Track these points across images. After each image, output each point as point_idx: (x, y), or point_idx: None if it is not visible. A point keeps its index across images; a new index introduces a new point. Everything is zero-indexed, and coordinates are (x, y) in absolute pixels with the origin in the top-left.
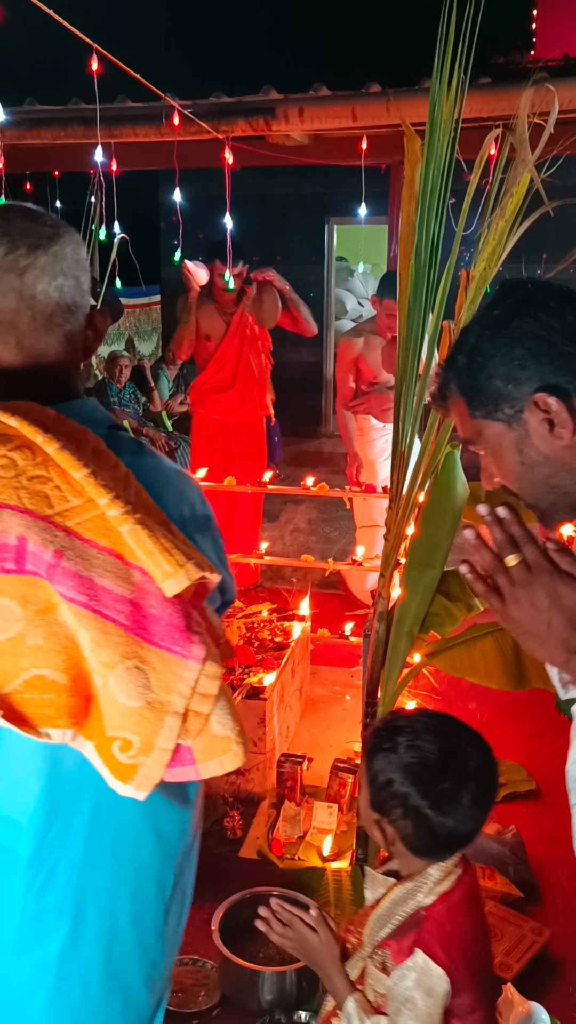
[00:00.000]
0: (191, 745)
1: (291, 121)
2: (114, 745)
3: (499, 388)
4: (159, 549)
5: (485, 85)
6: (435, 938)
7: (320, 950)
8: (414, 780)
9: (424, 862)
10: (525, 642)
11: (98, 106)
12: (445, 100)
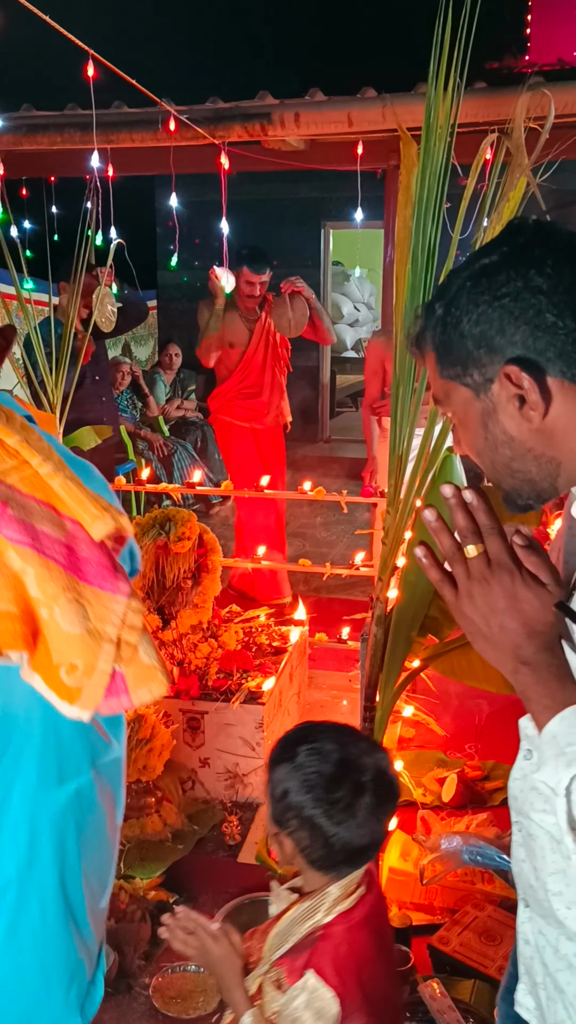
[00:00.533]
0: (124, 673)
1: (287, 126)
2: (61, 671)
3: (470, 350)
4: (87, 498)
5: (480, 90)
6: (328, 959)
7: (221, 962)
8: (308, 790)
9: (326, 878)
10: (475, 643)
11: (94, 112)
12: (441, 105)
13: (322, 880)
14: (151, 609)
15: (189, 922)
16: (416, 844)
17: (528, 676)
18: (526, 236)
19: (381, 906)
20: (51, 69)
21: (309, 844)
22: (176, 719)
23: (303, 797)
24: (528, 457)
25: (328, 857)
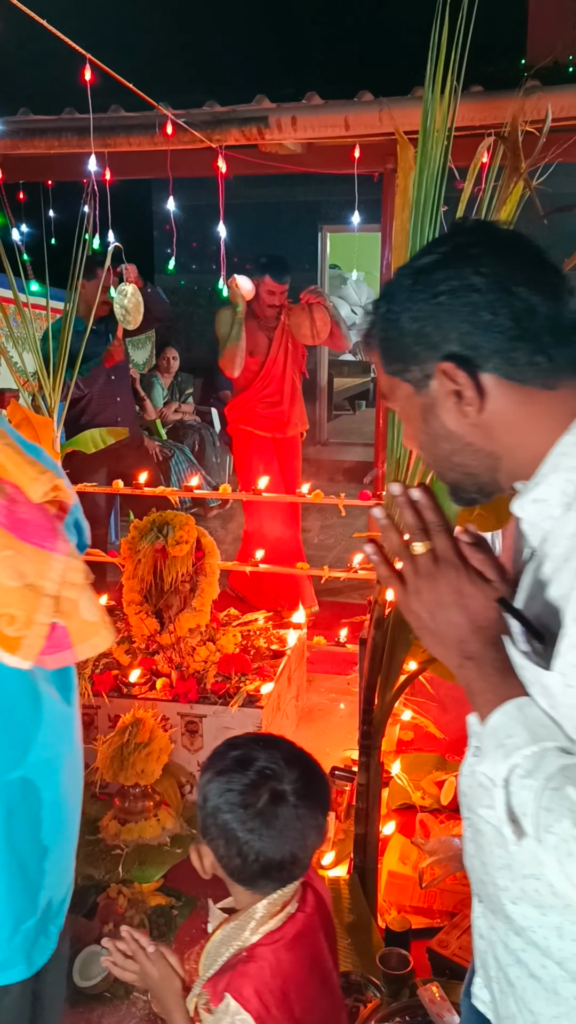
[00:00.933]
0: (67, 627)
1: (284, 130)
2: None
3: (409, 347)
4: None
5: (477, 93)
6: (249, 981)
7: (160, 984)
8: (225, 796)
9: (251, 895)
10: (422, 638)
11: (91, 116)
12: (438, 109)
13: (249, 898)
14: (149, 613)
15: (131, 945)
16: (415, 847)
17: (472, 670)
18: (465, 236)
19: (313, 926)
20: (48, 73)
21: (225, 853)
22: (174, 723)
23: (219, 802)
24: (467, 451)
25: (244, 869)
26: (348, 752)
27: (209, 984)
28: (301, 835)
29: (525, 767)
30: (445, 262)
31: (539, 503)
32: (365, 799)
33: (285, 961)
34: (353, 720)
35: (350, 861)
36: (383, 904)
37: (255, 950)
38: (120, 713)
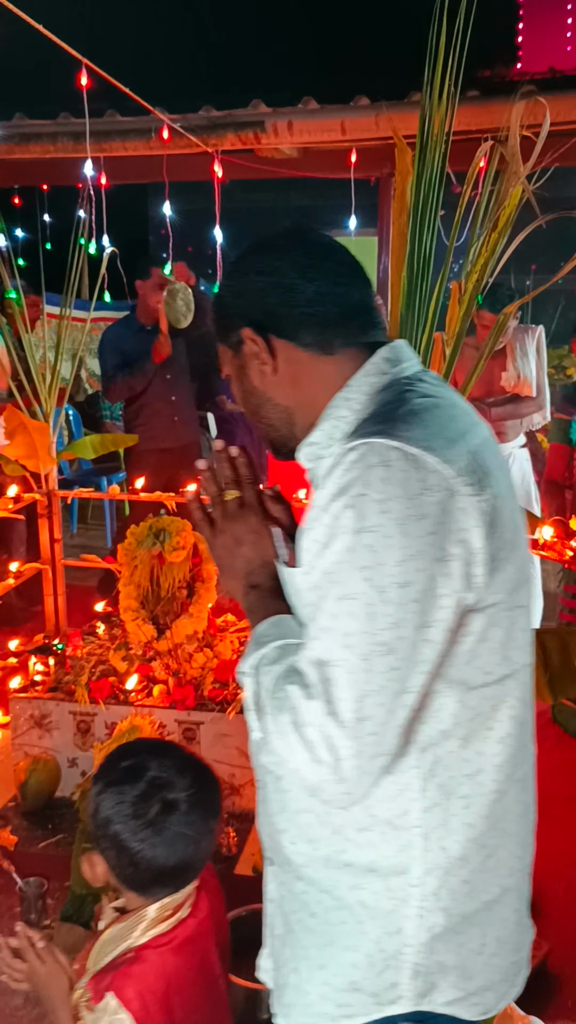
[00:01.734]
0: None
1: (280, 134)
2: None
3: (228, 317)
4: None
5: (473, 98)
6: (132, 982)
7: (47, 982)
8: (116, 807)
9: (143, 899)
10: (221, 574)
11: (87, 121)
12: (436, 113)
13: (141, 901)
14: (146, 619)
15: (23, 941)
16: None
17: (255, 597)
18: (279, 234)
19: (206, 932)
20: (44, 78)
21: (117, 863)
22: (172, 730)
23: (110, 813)
24: (268, 406)
25: (136, 877)
26: None
27: (92, 982)
28: (193, 842)
29: (271, 656)
30: (260, 250)
31: (311, 446)
32: None
33: (171, 965)
34: None
35: None
36: None
37: (142, 952)
38: (117, 720)
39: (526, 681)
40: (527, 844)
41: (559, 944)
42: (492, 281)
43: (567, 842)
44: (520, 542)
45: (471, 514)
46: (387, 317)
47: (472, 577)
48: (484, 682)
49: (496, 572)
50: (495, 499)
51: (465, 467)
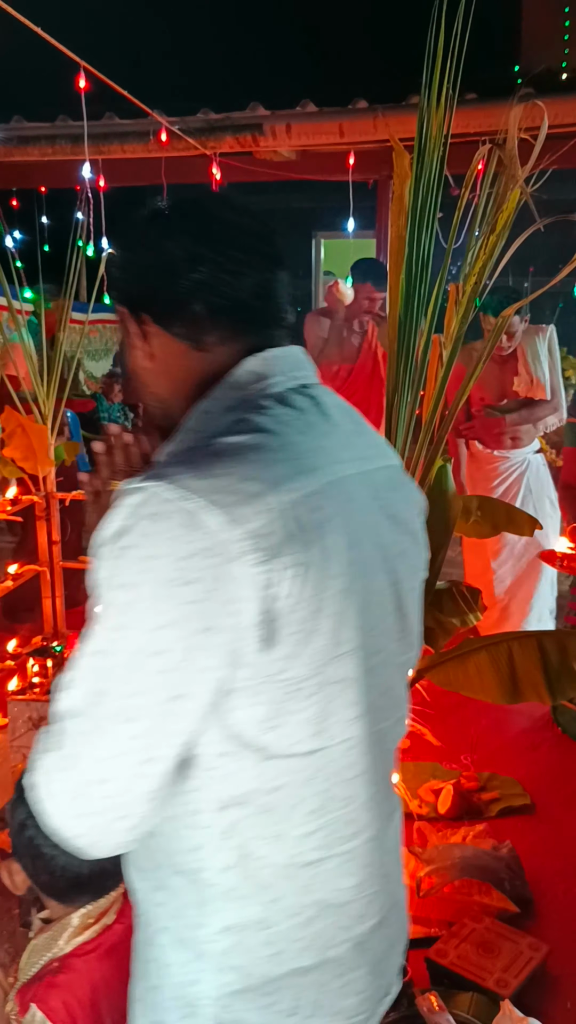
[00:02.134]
0: None
1: (278, 137)
2: None
3: (116, 292)
4: None
5: (472, 101)
6: (58, 992)
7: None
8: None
9: (64, 907)
10: None
11: (86, 123)
12: (434, 116)
13: (63, 909)
14: None
15: None
16: (412, 856)
17: None
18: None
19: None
20: (42, 81)
21: (33, 870)
22: None
23: (25, 818)
24: (145, 392)
25: (52, 884)
26: None
27: (19, 994)
28: None
29: None
30: (153, 221)
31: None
32: None
33: (97, 972)
34: None
35: None
36: None
37: (67, 961)
38: None
39: (353, 758)
40: (366, 917)
41: (558, 945)
42: (495, 285)
43: (566, 843)
44: (350, 611)
45: (248, 585)
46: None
47: (241, 654)
48: (290, 753)
49: (300, 644)
50: (294, 568)
51: (258, 529)
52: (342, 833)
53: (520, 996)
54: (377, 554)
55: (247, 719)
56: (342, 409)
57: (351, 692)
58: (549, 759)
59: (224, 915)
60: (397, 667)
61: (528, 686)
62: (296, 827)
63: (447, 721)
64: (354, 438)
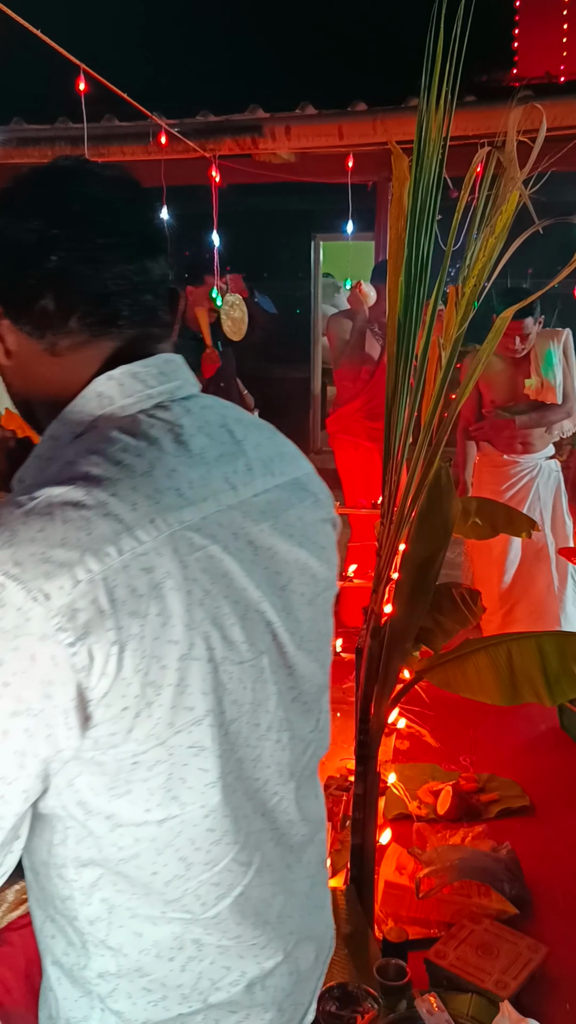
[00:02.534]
0: None
1: (278, 139)
2: None
3: None
4: None
5: (470, 103)
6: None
7: None
8: None
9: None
10: None
11: (85, 125)
12: (433, 119)
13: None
14: None
15: None
16: (412, 857)
17: None
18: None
19: None
20: (42, 83)
21: None
22: None
23: None
24: (11, 389)
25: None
26: (344, 762)
27: None
28: None
29: None
30: (9, 199)
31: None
32: (362, 809)
33: (33, 946)
34: (349, 730)
35: (347, 871)
36: (380, 915)
37: (3, 935)
38: None
39: (212, 824)
40: (259, 959)
41: (557, 947)
42: (511, 287)
43: (565, 845)
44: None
45: (59, 667)
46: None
47: (58, 738)
48: (140, 821)
49: (133, 719)
50: (117, 643)
51: (66, 606)
52: (208, 896)
53: (519, 997)
54: (249, 594)
55: (90, 787)
56: (213, 426)
57: (202, 759)
58: (548, 760)
59: (101, 961)
60: (276, 716)
61: (527, 687)
62: (157, 893)
63: (446, 723)
64: (223, 464)
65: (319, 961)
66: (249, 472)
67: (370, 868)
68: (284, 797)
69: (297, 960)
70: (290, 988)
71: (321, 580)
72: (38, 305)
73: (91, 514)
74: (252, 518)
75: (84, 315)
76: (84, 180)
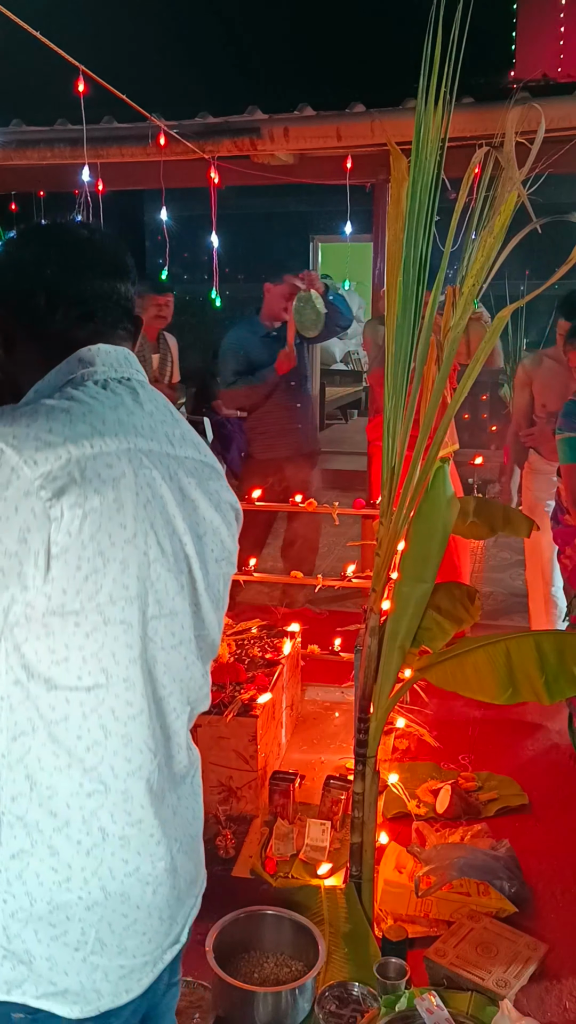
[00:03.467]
0: None
1: (276, 141)
2: None
3: None
4: None
5: (468, 104)
6: None
7: None
8: None
9: None
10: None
11: (84, 127)
12: (432, 120)
13: None
14: None
15: None
16: (411, 856)
17: None
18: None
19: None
20: (41, 84)
21: None
22: None
23: None
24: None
25: None
26: (343, 761)
27: None
28: None
29: None
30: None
31: None
32: (361, 808)
33: None
34: (348, 729)
35: (346, 870)
36: (379, 913)
37: None
38: None
39: (131, 698)
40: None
41: (557, 945)
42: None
43: (563, 842)
44: (133, 560)
45: (37, 517)
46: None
47: (25, 576)
48: (73, 686)
49: (83, 580)
50: (81, 508)
51: (49, 472)
52: (120, 770)
53: (518, 995)
54: (177, 523)
55: (36, 651)
56: (160, 404)
57: (129, 635)
58: (546, 758)
59: (15, 842)
60: (185, 635)
61: (525, 686)
62: (78, 759)
63: (445, 721)
64: (165, 426)
65: (193, 888)
66: (183, 440)
67: (369, 867)
68: (179, 717)
69: (179, 875)
70: (172, 900)
71: (227, 548)
72: (34, 301)
73: (73, 418)
74: (184, 471)
75: (67, 309)
76: (74, 228)
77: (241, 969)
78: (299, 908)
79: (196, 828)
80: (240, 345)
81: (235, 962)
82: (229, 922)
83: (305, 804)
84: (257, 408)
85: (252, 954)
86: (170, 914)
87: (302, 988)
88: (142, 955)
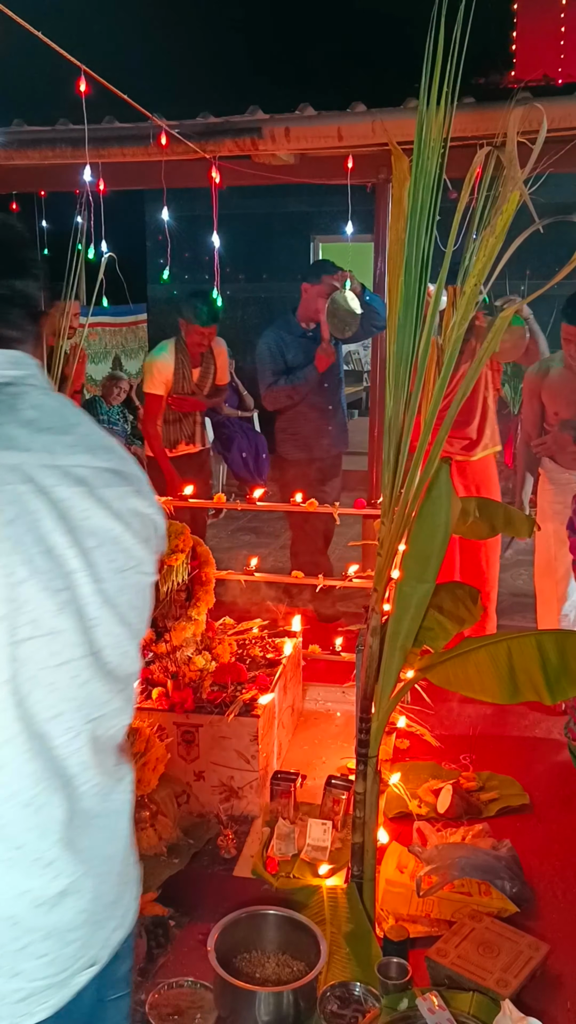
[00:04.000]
0: None
1: (277, 141)
2: None
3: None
4: None
5: (469, 105)
6: None
7: None
8: None
9: None
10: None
11: (86, 127)
12: (434, 120)
13: None
14: None
15: None
16: (412, 856)
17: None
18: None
19: None
20: (42, 84)
21: None
22: (171, 732)
23: None
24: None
25: None
26: (345, 761)
27: None
28: None
29: None
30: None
31: None
32: (362, 808)
33: None
34: (349, 729)
35: (347, 870)
36: (381, 913)
37: None
38: None
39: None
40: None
41: (558, 945)
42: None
43: (565, 842)
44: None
45: None
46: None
47: None
48: None
49: None
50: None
51: None
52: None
53: (520, 995)
54: (54, 538)
55: None
56: (49, 410)
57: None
58: (548, 758)
59: None
60: (73, 653)
61: (527, 685)
62: None
63: (446, 721)
64: (50, 434)
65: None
66: (72, 448)
67: (371, 866)
68: (78, 736)
69: (82, 896)
70: (75, 923)
71: (134, 557)
72: None
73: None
74: (69, 480)
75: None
76: None
77: (243, 969)
78: (300, 908)
79: (116, 848)
80: (277, 346)
81: (236, 962)
82: (230, 922)
83: (306, 804)
84: (291, 407)
85: (254, 954)
86: (79, 936)
87: (304, 988)
88: (42, 978)
